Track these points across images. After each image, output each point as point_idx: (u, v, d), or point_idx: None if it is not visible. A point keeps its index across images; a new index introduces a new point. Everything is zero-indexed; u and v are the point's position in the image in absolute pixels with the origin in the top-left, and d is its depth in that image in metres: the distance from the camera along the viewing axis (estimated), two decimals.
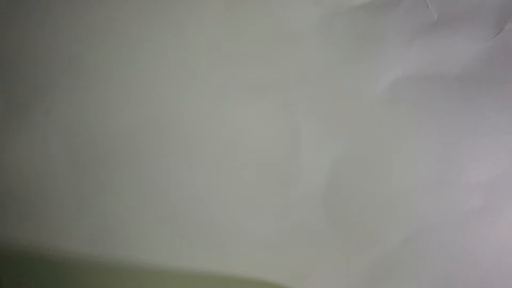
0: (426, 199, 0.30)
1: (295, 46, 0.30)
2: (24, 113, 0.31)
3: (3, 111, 0.31)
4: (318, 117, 0.31)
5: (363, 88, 0.30)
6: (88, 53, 0.31)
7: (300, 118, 0.31)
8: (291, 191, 0.31)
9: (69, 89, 0.31)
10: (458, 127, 0.30)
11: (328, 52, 0.30)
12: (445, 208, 0.30)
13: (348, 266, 0.31)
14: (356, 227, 0.31)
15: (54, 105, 0.31)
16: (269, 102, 0.31)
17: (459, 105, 0.30)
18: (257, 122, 0.31)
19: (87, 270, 0.31)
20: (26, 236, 0.31)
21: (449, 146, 0.30)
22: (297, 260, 0.31)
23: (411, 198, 0.30)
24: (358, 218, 0.31)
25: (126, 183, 0.31)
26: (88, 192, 0.31)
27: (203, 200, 0.31)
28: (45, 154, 0.31)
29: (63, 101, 0.31)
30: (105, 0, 0.31)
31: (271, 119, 0.31)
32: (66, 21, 0.31)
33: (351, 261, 0.31)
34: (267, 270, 0.31)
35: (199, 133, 0.31)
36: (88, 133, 0.31)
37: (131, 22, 0.31)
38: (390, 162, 0.30)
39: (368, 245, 0.31)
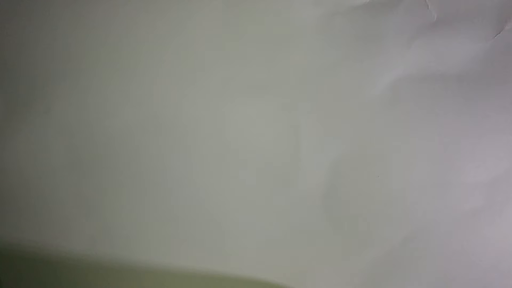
0: (426, 199, 0.30)
1: (295, 46, 0.30)
2: (24, 113, 0.31)
3: (3, 111, 0.31)
4: (318, 117, 0.31)
5: (363, 88, 0.30)
6: (88, 53, 0.31)
7: (300, 118, 0.31)
8: (291, 191, 0.31)
9: (69, 89, 0.31)
10: (458, 127, 0.30)
11: (328, 52, 0.30)
12: (445, 208, 0.30)
13: (348, 266, 0.31)
14: (356, 227, 0.31)
15: (54, 105, 0.31)
16: (269, 102, 0.31)
17: (459, 105, 0.30)
18: (257, 122, 0.31)
19: (87, 270, 0.31)
20: (26, 236, 0.31)
21: (449, 146, 0.30)
22: (297, 260, 0.31)
23: (411, 198, 0.30)
24: (358, 218, 0.31)
25: (126, 183, 0.31)
26: (88, 192, 0.31)
27: (203, 200, 0.31)
28: (45, 154, 0.31)
29: (63, 101, 0.31)
30: (105, 0, 0.31)
31: (271, 119, 0.31)
32: (66, 21, 0.31)
33: (351, 261, 0.31)
34: (267, 270, 0.31)
35: (199, 133, 0.31)
36: (88, 133, 0.31)
37: (131, 22, 0.31)
38: (390, 162, 0.30)
39: (368, 245, 0.31)
